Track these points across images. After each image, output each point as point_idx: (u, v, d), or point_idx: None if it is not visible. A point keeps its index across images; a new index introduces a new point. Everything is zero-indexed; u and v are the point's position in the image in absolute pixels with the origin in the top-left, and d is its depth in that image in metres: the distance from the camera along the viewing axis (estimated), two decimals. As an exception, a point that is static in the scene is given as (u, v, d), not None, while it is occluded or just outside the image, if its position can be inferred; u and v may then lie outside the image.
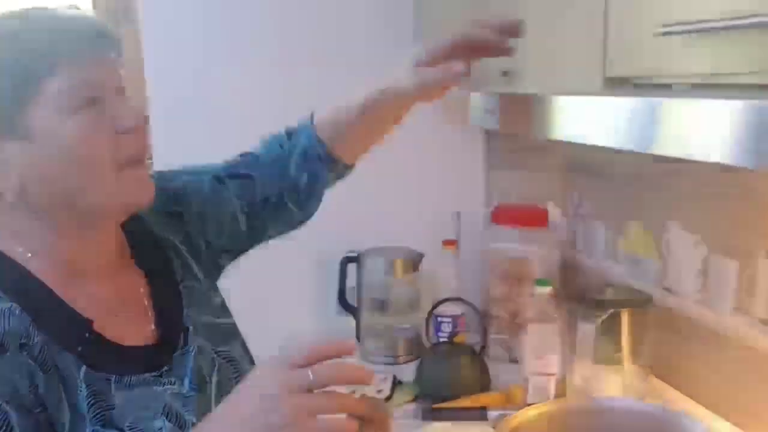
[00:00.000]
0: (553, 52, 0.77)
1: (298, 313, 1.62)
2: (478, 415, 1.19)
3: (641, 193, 1.33)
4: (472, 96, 0.83)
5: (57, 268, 0.75)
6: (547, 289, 1.24)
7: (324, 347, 0.64)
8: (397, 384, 1.34)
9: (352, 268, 1.55)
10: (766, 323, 1.05)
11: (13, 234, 0.75)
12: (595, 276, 1.49)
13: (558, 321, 1.22)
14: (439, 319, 1.48)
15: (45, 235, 0.75)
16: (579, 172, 1.56)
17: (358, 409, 0.63)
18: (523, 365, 1.22)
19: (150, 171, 0.83)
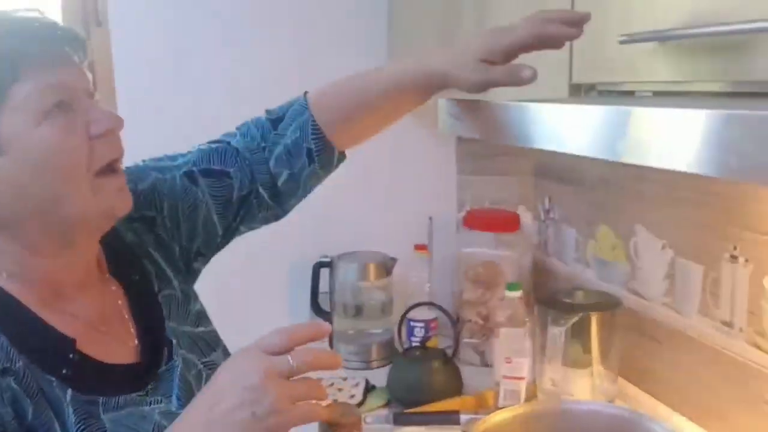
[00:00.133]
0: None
1: (271, 317, 1.61)
2: (450, 419, 1.19)
3: (610, 197, 1.35)
4: (440, 102, 0.84)
5: (35, 288, 0.72)
6: (518, 293, 1.25)
7: (300, 332, 0.64)
8: (369, 389, 1.34)
9: (324, 272, 1.55)
10: (729, 325, 1.07)
11: None
12: (565, 279, 1.50)
13: (528, 325, 1.23)
14: (411, 323, 1.49)
15: (21, 255, 0.71)
16: (549, 177, 1.57)
17: (324, 395, 0.64)
18: (495, 369, 1.23)
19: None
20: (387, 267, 1.52)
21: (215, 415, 0.61)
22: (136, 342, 0.78)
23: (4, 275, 0.71)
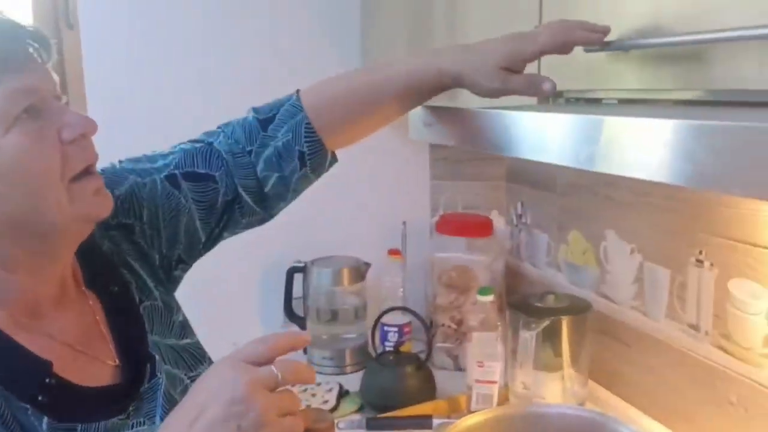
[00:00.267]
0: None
1: (244, 323, 1.60)
2: (423, 423, 1.20)
3: (581, 203, 1.37)
4: (411, 109, 0.84)
5: (8, 308, 0.68)
6: (490, 298, 1.26)
7: (281, 342, 0.61)
8: (343, 394, 1.34)
9: (298, 277, 1.54)
10: (695, 328, 1.09)
11: None
12: (537, 284, 1.52)
13: (500, 329, 1.24)
14: (385, 328, 1.49)
15: None
16: (522, 182, 1.59)
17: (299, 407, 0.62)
18: (467, 373, 1.23)
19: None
20: (361, 272, 1.52)
21: (198, 428, 0.57)
22: (117, 360, 0.74)
23: None
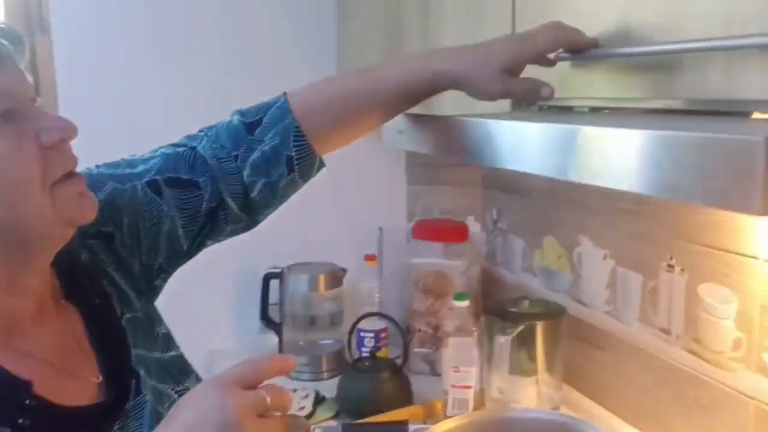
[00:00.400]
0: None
1: (219, 330, 1.59)
2: (399, 429, 1.20)
3: (556, 208, 1.38)
4: (385, 115, 0.84)
5: None
6: (465, 303, 1.26)
7: (271, 366, 0.60)
8: (319, 400, 1.34)
9: (274, 284, 1.54)
10: (667, 333, 1.11)
11: None
12: (513, 289, 1.53)
13: (476, 334, 1.24)
14: (361, 334, 1.49)
15: None
16: (498, 187, 1.60)
17: None
18: (443, 378, 1.24)
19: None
20: (337, 278, 1.52)
21: None
22: (100, 377, 0.70)
23: None
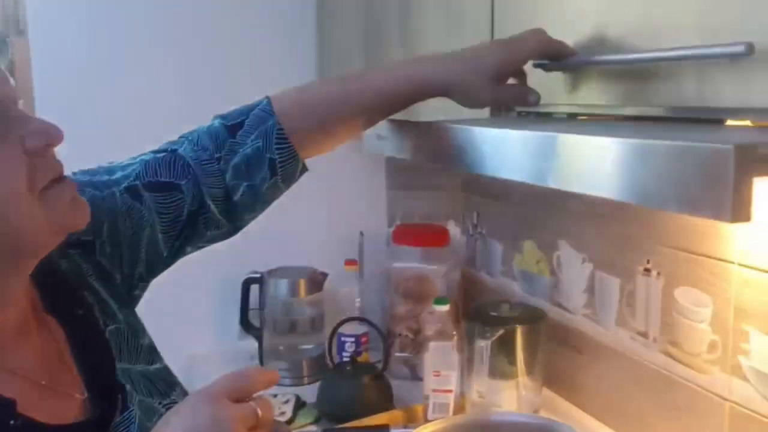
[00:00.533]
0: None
1: (199, 336, 1.59)
2: (380, 433, 1.20)
3: (535, 213, 1.39)
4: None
5: None
6: (445, 307, 1.27)
7: (259, 379, 0.60)
8: (300, 405, 1.33)
9: (254, 289, 1.53)
10: (644, 336, 1.12)
11: None
12: (493, 293, 1.54)
13: (456, 338, 1.25)
14: (342, 338, 1.49)
15: None
16: (478, 192, 1.61)
17: None
18: (424, 382, 1.24)
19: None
20: (318, 282, 1.52)
21: None
22: (85, 393, 0.68)
23: None
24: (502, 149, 0.66)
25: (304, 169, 0.84)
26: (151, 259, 0.80)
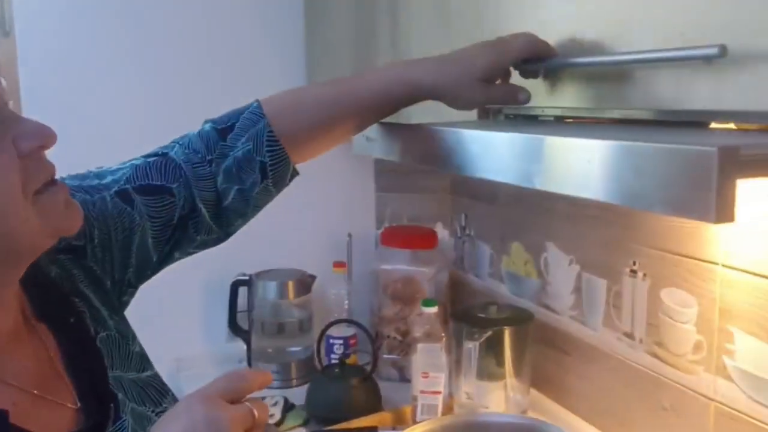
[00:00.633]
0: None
1: (186, 339, 1.58)
2: (368, 435, 1.21)
3: (522, 215, 1.40)
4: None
5: None
6: (434, 309, 1.27)
7: (254, 380, 0.60)
8: (288, 408, 1.33)
9: (242, 291, 1.53)
10: (630, 337, 1.13)
11: None
12: (481, 294, 1.55)
13: (445, 339, 1.25)
14: (330, 340, 1.49)
15: None
16: (466, 194, 1.62)
17: None
18: (412, 384, 1.25)
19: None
20: (306, 284, 1.52)
21: None
22: (78, 403, 0.67)
23: None
24: (489, 151, 0.67)
25: (295, 173, 0.84)
26: (140, 265, 0.79)
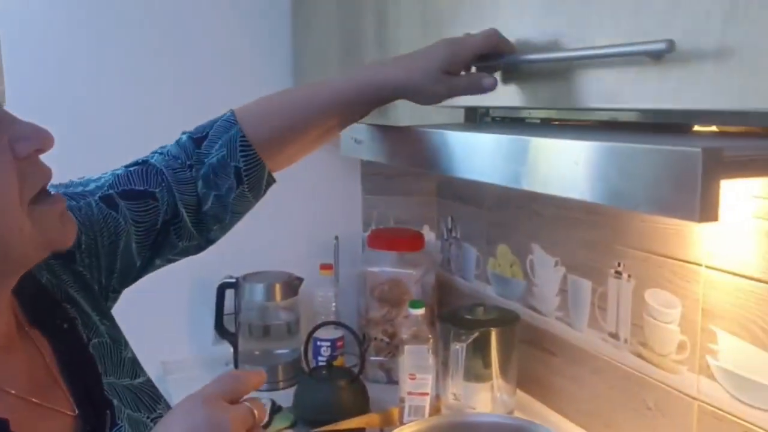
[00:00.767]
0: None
1: (173, 341, 1.57)
2: (356, 437, 1.21)
3: (508, 217, 1.41)
4: (343, 125, 0.85)
5: None
6: (421, 311, 1.28)
7: (251, 380, 0.61)
8: (275, 410, 1.33)
9: (229, 293, 1.53)
10: (615, 337, 1.14)
11: None
12: (467, 296, 1.55)
13: (432, 341, 1.26)
14: (318, 342, 1.49)
15: None
16: (452, 197, 1.63)
17: None
18: (400, 386, 1.25)
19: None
20: (293, 287, 1.52)
21: None
22: (75, 410, 0.66)
23: None
24: (476, 152, 0.67)
25: (271, 179, 0.84)
26: (124, 270, 0.79)
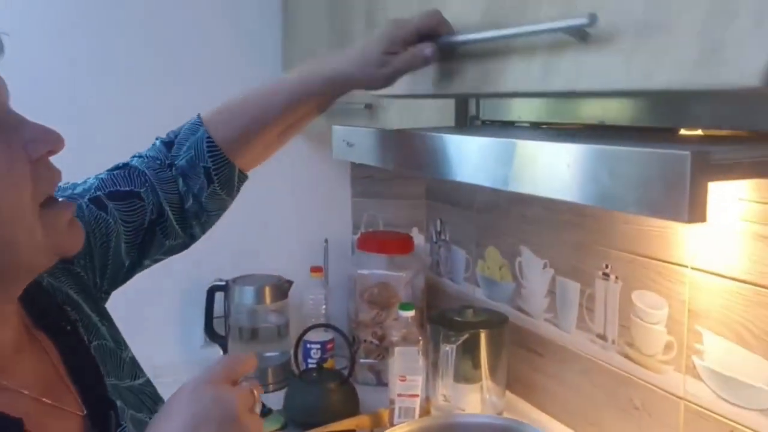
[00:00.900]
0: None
1: (162, 344, 1.57)
2: (346, 438, 1.21)
3: (497, 220, 1.42)
4: (333, 128, 0.86)
5: None
6: (411, 313, 1.29)
7: (247, 363, 0.61)
8: (266, 412, 1.33)
9: (219, 296, 1.53)
10: (603, 338, 1.15)
11: None
12: (456, 298, 1.56)
13: (421, 343, 1.27)
14: (308, 345, 1.50)
15: None
16: (441, 200, 1.64)
17: None
18: (390, 388, 1.26)
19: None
20: (283, 290, 1.52)
21: None
22: (84, 410, 0.66)
23: None
24: (466, 155, 0.68)
25: (243, 176, 0.87)
26: (114, 270, 0.81)
